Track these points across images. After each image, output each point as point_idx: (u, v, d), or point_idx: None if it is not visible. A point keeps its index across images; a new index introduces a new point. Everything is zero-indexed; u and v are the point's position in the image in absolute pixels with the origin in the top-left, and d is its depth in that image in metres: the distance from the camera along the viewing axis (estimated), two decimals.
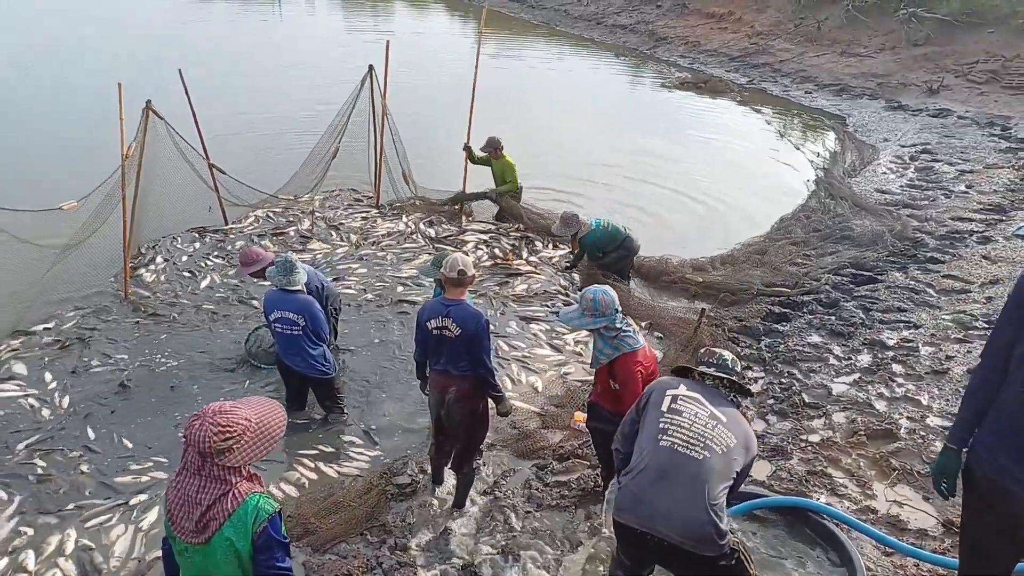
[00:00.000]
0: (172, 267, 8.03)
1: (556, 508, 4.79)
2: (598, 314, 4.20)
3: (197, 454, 2.43)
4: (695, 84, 17.45)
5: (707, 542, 3.20)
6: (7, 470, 5.11)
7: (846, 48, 18.02)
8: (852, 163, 11.97)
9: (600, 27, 24.08)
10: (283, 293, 5.30)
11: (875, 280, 7.89)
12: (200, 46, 19.30)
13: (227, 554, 2.47)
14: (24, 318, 6.86)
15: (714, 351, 3.69)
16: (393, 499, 4.89)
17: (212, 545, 2.46)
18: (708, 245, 8.99)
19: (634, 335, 4.30)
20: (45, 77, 15.95)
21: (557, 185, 10.92)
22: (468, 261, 4.43)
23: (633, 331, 4.32)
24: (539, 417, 5.83)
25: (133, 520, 4.73)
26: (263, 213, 9.41)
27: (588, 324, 4.25)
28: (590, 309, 4.22)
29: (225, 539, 2.45)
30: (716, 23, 21.49)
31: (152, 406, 5.85)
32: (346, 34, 23.69)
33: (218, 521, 2.44)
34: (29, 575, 4.27)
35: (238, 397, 2.61)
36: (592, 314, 4.21)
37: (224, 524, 2.44)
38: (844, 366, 6.40)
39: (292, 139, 11.73)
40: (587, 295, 4.25)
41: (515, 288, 7.88)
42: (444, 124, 11.63)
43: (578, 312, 4.29)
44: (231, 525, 2.45)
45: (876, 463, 5.18)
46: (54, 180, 9.22)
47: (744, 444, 3.37)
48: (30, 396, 5.89)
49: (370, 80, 9.09)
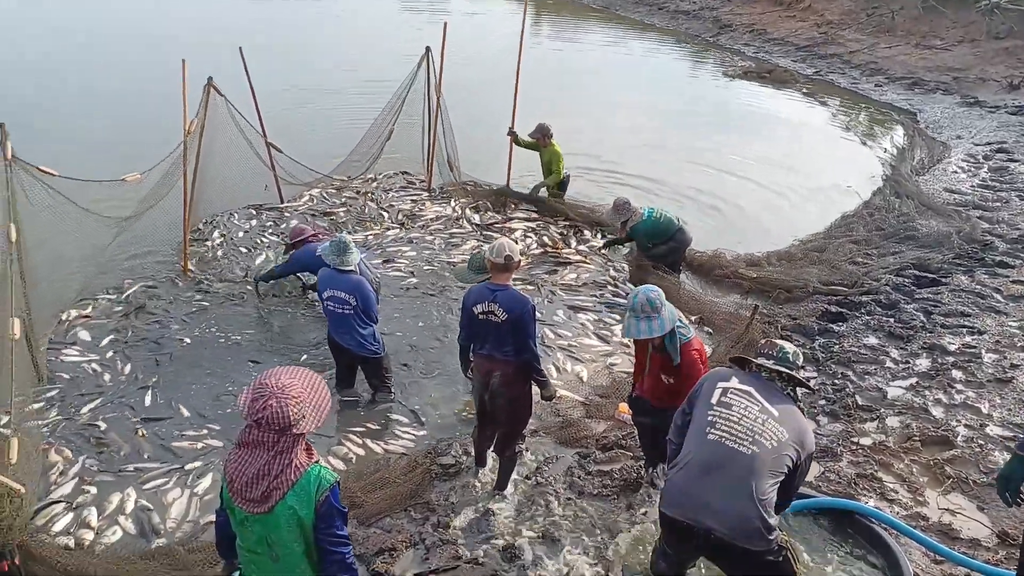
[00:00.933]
0: (229, 242, 8.24)
1: (598, 497, 4.79)
2: (655, 312, 4.00)
3: (274, 431, 2.48)
4: (759, 74, 17.01)
5: (755, 536, 3.16)
6: (73, 431, 5.36)
7: (921, 40, 17.31)
8: (921, 160, 11.53)
9: (661, 12, 23.66)
10: (336, 272, 5.40)
11: (938, 283, 7.63)
12: (259, 26, 19.60)
13: (290, 522, 2.54)
14: (88, 286, 7.14)
15: (775, 343, 3.60)
16: (437, 478, 4.96)
17: (275, 513, 2.53)
18: (764, 240, 8.81)
19: (686, 326, 4.27)
20: (109, 54, 16.43)
21: (610, 173, 10.86)
22: (515, 247, 4.43)
23: (682, 321, 4.28)
24: (583, 406, 5.83)
25: (189, 484, 4.91)
26: (317, 192, 9.57)
27: (653, 330, 4.00)
28: (646, 311, 4.00)
29: (288, 507, 2.52)
30: (784, 11, 20.90)
31: (207, 376, 6.04)
32: (401, 13, 23.83)
33: (281, 491, 2.51)
34: (92, 530, 4.48)
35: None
36: (648, 315, 4.00)
37: (287, 493, 2.52)
38: (901, 370, 6.23)
39: (347, 118, 11.83)
40: (638, 300, 4.02)
41: (564, 277, 7.85)
42: (495, 109, 11.62)
43: (634, 319, 4.03)
44: (294, 494, 2.52)
45: (930, 470, 5.04)
46: (118, 153, 9.49)
47: (798, 440, 3.30)
48: (93, 361, 6.14)
49: (426, 62, 9.12)
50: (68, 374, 5.96)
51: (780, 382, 3.50)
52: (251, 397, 2.51)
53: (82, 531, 4.45)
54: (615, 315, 7.17)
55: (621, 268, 8.11)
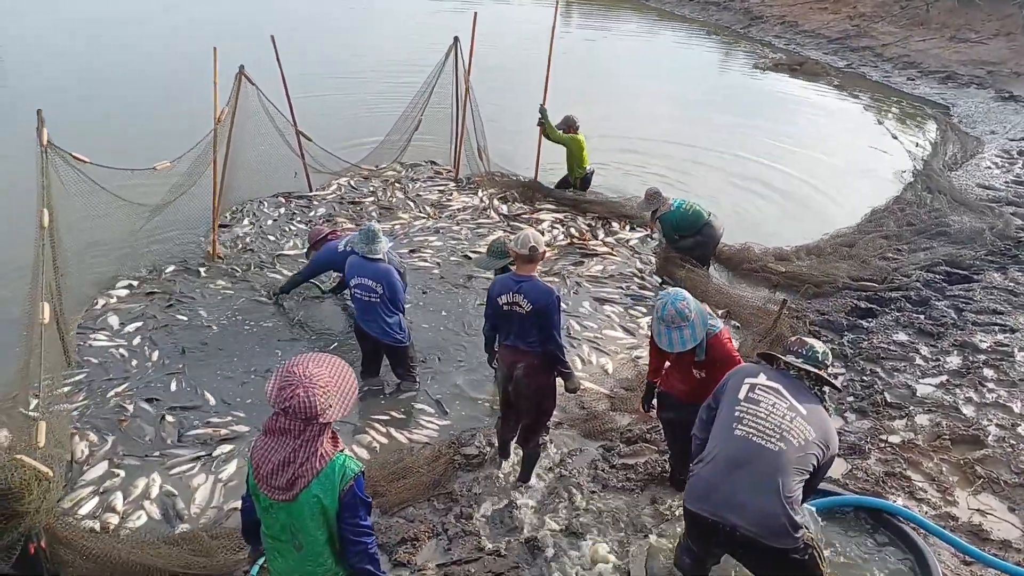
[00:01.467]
0: (258, 230, 8.28)
1: (622, 490, 4.76)
2: (685, 321, 3.94)
3: (301, 420, 2.47)
4: (790, 66, 16.78)
5: (780, 534, 3.12)
6: (101, 415, 5.41)
7: (956, 33, 16.95)
8: (954, 155, 11.27)
9: (692, 3, 23.44)
10: (364, 260, 5.41)
11: (971, 280, 7.49)
12: (291, 15, 19.64)
13: (313, 510, 2.54)
14: (118, 272, 7.21)
15: (805, 340, 3.55)
16: (460, 469, 4.96)
17: (299, 501, 2.53)
18: (793, 234, 8.69)
19: (714, 317, 4.25)
20: (141, 42, 16.50)
21: (638, 163, 10.79)
22: (539, 237, 4.41)
23: (709, 313, 4.28)
24: (608, 399, 5.79)
25: (213, 471, 4.94)
26: (345, 181, 9.58)
27: (695, 337, 3.95)
28: (676, 321, 3.94)
29: (313, 496, 2.52)
30: (815, 3, 20.57)
31: (234, 363, 6.07)
32: (433, 3, 23.77)
33: (306, 479, 2.50)
34: (117, 515, 4.52)
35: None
36: (678, 326, 3.95)
37: (312, 482, 2.51)
38: (931, 367, 6.13)
39: (377, 108, 11.83)
40: (667, 312, 3.94)
41: (590, 269, 7.81)
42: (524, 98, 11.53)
43: (665, 329, 3.98)
44: (319, 483, 2.51)
45: (960, 469, 4.96)
46: (149, 141, 9.56)
47: (824, 439, 3.27)
48: (121, 347, 6.19)
49: (455, 52, 9.09)
50: (96, 359, 6.02)
51: (808, 381, 3.46)
52: (278, 385, 2.50)
53: (108, 515, 4.49)
54: (641, 307, 7.12)
55: (648, 260, 8.05)
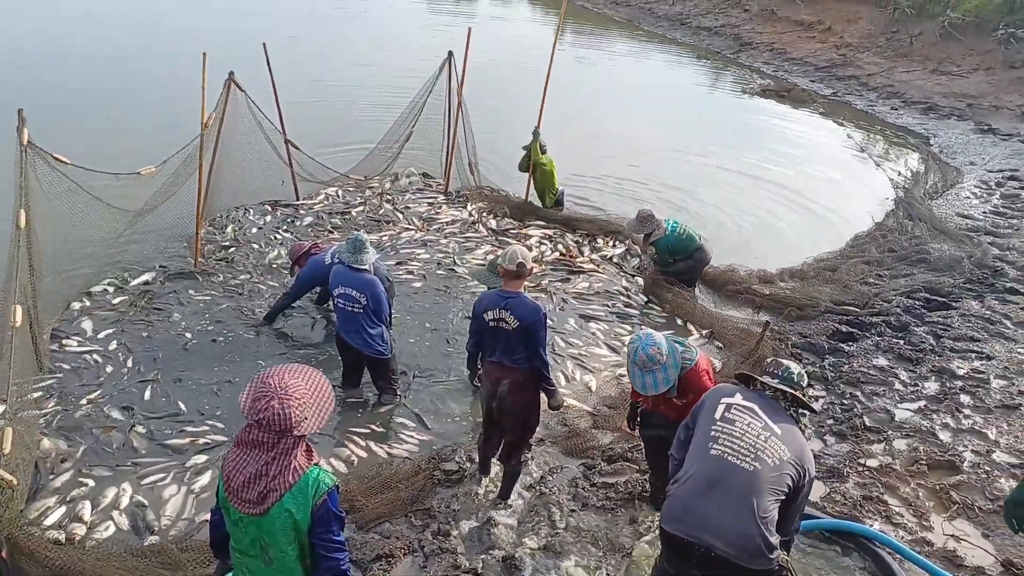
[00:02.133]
0: (242, 238, 8.22)
1: (601, 509, 4.74)
2: (656, 365, 3.94)
3: (275, 432, 2.42)
4: (777, 92, 17.02)
5: (756, 555, 3.12)
6: (71, 422, 5.28)
7: (938, 66, 17.26)
8: (934, 185, 11.46)
9: (684, 28, 23.71)
10: (349, 270, 5.37)
11: (949, 306, 7.58)
12: (283, 23, 19.66)
13: (285, 525, 2.48)
14: (97, 277, 7.10)
15: (781, 362, 3.56)
16: (439, 484, 4.91)
17: (271, 515, 2.47)
18: (777, 257, 8.77)
19: (687, 347, 4.18)
20: (130, 46, 16.39)
21: (625, 186, 10.85)
22: (527, 254, 4.39)
23: (683, 343, 4.21)
24: (591, 416, 5.77)
25: (186, 481, 4.85)
26: (334, 191, 9.55)
27: (667, 381, 3.95)
28: (649, 365, 3.94)
29: (284, 510, 2.46)
30: (804, 31, 20.87)
31: (211, 371, 5.99)
32: (427, 15, 23.94)
33: (278, 492, 2.45)
34: (84, 525, 4.39)
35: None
36: (652, 369, 3.94)
37: (284, 495, 2.45)
38: (909, 392, 6.18)
39: (368, 118, 11.81)
40: (639, 357, 3.93)
41: (576, 285, 7.82)
42: (516, 116, 11.57)
43: (639, 372, 3.98)
44: (291, 497, 2.46)
45: (936, 494, 4.99)
46: (135, 145, 9.47)
47: (799, 459, 3.26)
48: (95, 353, 6.07)
49: (448, 67, 9.12)
50: (69, 364, 5.90)
51: (784, 402, 3.47)
52: (253, 396, 2.44)
53: (74, 525, 4.37)
54: (626, 325, 7.13)
55: (632, 279, 8.07)
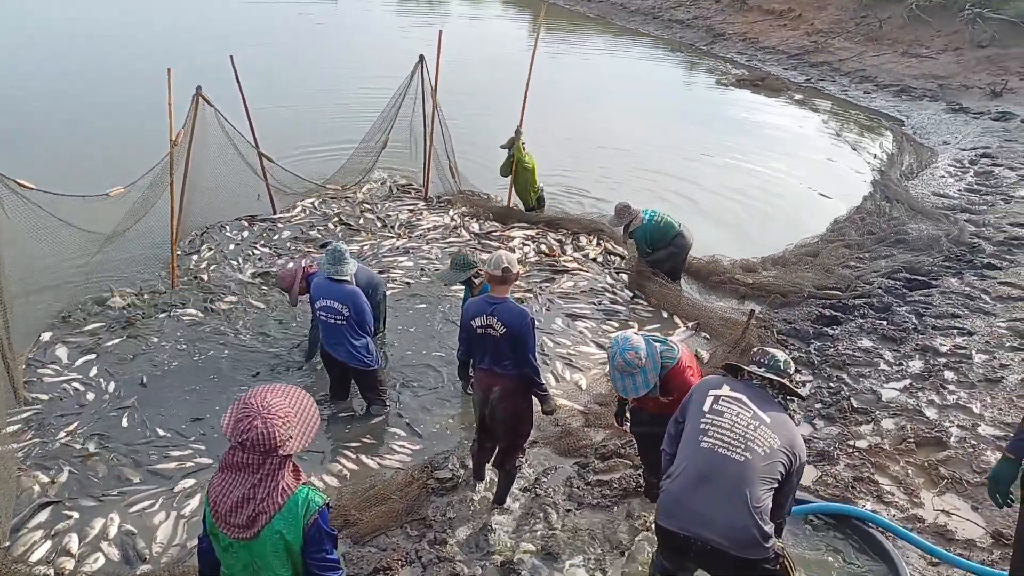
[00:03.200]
0: (219, 255, 8.10)
1: (597, 507, 4.73)
2: (635, 369, 3.94)
3: (259, 453, 2.39)
4: (752, 82, 17.14)
5: (751, 545, 3.12)
6: (52, 453, 5.18)
7: (907, 48, 17.44)
8: (910, 166, 11.59)
9: (656, 21, 23.81)
10: (330, 282, 5.32)
11: (929, 285, 7.64)
12: (251, 34, 19.46)
13: (277, 547, 2.45)
14: (70, 303, 6.95)
15: (767, 350, 3.58)
16: (434, 493, 4.88)
17: (261, 539, 2.44)
18: (760, 246, 8.82)
19: (669, 346, 4.15)
20: (94, 63, 16.12)
21: (606, 180, 10.86)
22: (512, 258, 4.38)
23: (665, 341, 4.18)
24: (582, 415, 5.77)
25: (175, 507, 4.78)
26: (310, 203, 9.47)
27: (639, 387, 3.96)
28: (628, 370, 3.94)
29: (275, 532, 2.43)
30: (775, 20, 21.04)
31: (194, 394, 5.89)
32: (399, 17, 23.87)
33: (268, 515, 2.42)
34: (72, 558, 4.30)
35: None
36: (631, 373, 3.95)
37: (275, 517, 2.42)
38: (895, 372, 6.22)
39: (342, 127, 11.71)
40: (616, 362, 3.96)
41: (562, 285, 7.81)
42: (494, 116, 11.54)
43: (619, 376, 4.00)
44: (282, 518, 2.43)
45: (925, 471, 5.03)
46: (102, 166, 9.31)
47: (789, 446, 3.27)
48: (73, 381, 5.96)
49: (420, 71, 9.07)
50: (47, 394, 5.77)
51: (772, 390, 3.48)
52: (235, 417, 2.41)
53: (62, 559, 4.27)
54: (613, 322, 7.13)
55: (618, 277, 8.08)
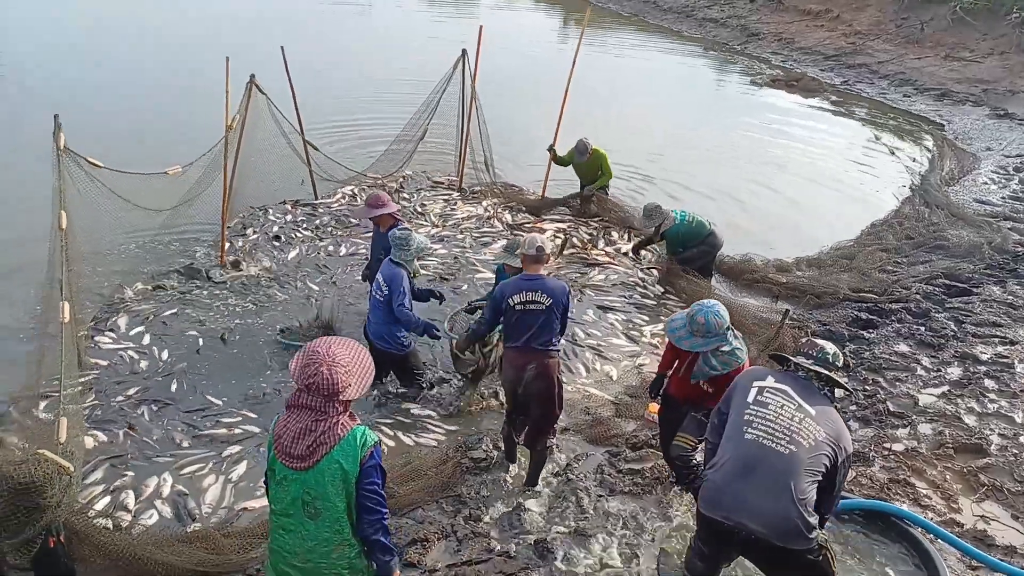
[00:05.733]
0: (264, 236, 8.34)
1: (629, 495, 4.81)
2: (710, 335, 4.07)
3: (322, 396, 2.64)
4: (787, 82, 17.01)
5: (795, 536, 3.17)
6: (110, 415, 5.44)
7: (950, 51, 17.18)
8: (951, 171, 11.44)
9: (689, 20, 23.67)
10: (389, 262, 5.46)
11: (970, 292, 7.58)
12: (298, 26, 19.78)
13: (335, 476, 2.67)
14: (128, 275, 7.25)
15: (816, 342, 3.60)
16: (467, 472, 5.00)
17: (319, 469, 2.66)
18: (794, 247, 8.80)
19: (742, 347, 4.22)
20: (156, 52, 16.54)
21: (639, 179, 10.88)
22: (545, 239, 4.69)
23: (741, 341, 4.24)
24: (613, 405, 5.85)
25: (223, 471, 4.98)
26: (350, 190, 9.65)
27: (697, 346, 4.11)
28: (700, 331, 4.07)
29: (334, 462, 2.66)
30: (812, 20, 20.82)
31: (241, 365, 6.12)
32: (435, 17, 24.03)
33: (328, 446, 2.65)
34: (129, 513, 4.55)
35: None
36: (703, 335, 4.08)
37: (334, 448, 2.65)
38: (932, 377, 6.19)
39: (382, 118, 11.88)
40: (698, 318, 4.07)
41: (593, 278, 7.88)
42: (527, 113, 11.61)
43: (686, 332, 4.13)
44: (340, 450, 2.66)
45: (963, 477, 5.02)
46: (161, 148, 9.58)
47: (835, 440, 3.29)
48: (129, 349, 6.23)
49: (462, 65, 9.20)
50: (105, 360, 6.05)
51: (818, 382, 3.48)
52: (302, 363, 2.66)
53: (120, 513, 4.53)
54: (644, 315, 7.19)
55: (649, 270, 8.13)
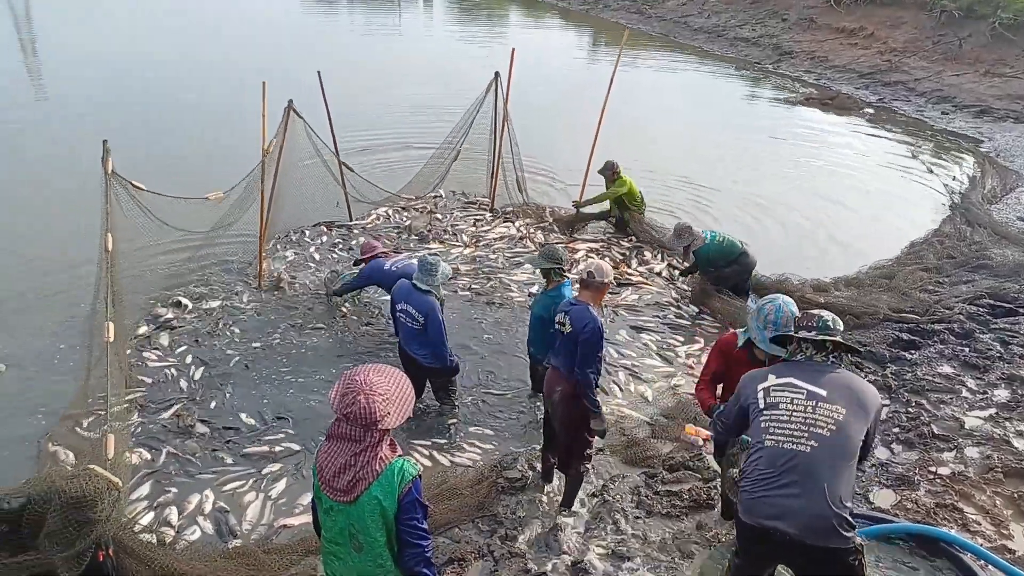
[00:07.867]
0: (300, 258, 8.48)
1: (667, 516, 4.76)
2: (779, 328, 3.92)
3: (361, 426, 2.61)
4: (821, 100, 16.89)
5: (832, 535, 3.12)
6: (153, 433, 5.56)
7: (990, 68, 16.92)
8: (992, 189, 11.23)
9: (720, 40, 23.60)
10: (413, 288, 5.53)
11: (1016, 313, 7.38)
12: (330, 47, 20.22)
13: (374, 512, 2.64)
14: (169, 295, 7.43)
15: (812, 313, 3.50)
16: (504, 492, 4.99)
17: (360, 503, 2.64)
18: (831, 266, 8.69)
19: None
20: (192, 76, 17.01)
21: (675, 198, 10.88)
22: (604, 268, 4.51)
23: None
24: (648, 426, 5.81)
25: (263, 489, 5.05)
26: (384, 211, 9.77)
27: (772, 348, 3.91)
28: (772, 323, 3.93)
29: (373, 498, 2.63)
30: (846, 38, 20.65)
31: (278, 384, 6.22)
32: (465, 38, 24.37)
33: (367, 481, 2.62)
34: (172, 529, 4.65)
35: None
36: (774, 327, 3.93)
37: (372, 484, 2.62)
38: (979, 400, 6.04)
39: (416, 140, 12.10)
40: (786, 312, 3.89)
41: (626, 298, 7.86)
42: (559, 134, 11.65)
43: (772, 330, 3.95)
44: (379, 485, 2.63)
45: (1014, 502, 4.86)
46: (197, 171, 9.87)
47: (859, 406, 3.22)
48: (171, 367, 6.38)
49: (495, 87, 9.32)
50: (149, 378, 6.20)
51: (820, 355, 3.39)
52: (341, 392, 2.65)
53: (163, 529, 4.63)
54: (679, 336, 7.14)
55: (684, 290, 8.09)
